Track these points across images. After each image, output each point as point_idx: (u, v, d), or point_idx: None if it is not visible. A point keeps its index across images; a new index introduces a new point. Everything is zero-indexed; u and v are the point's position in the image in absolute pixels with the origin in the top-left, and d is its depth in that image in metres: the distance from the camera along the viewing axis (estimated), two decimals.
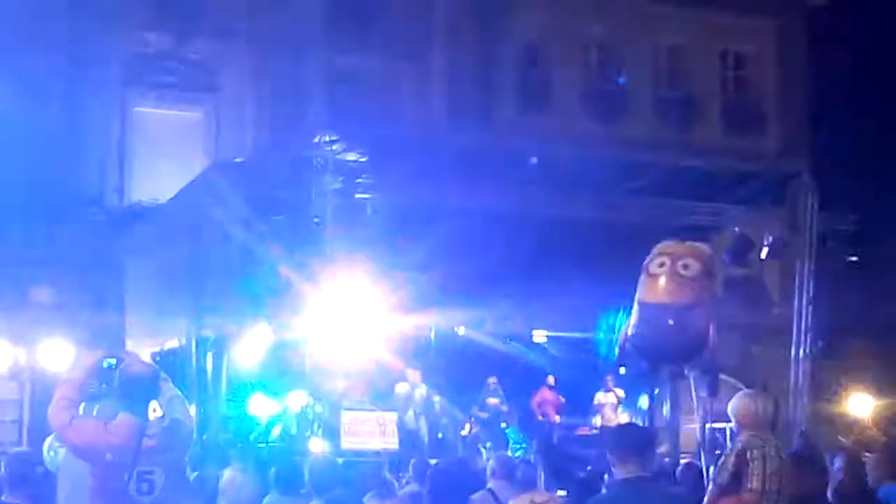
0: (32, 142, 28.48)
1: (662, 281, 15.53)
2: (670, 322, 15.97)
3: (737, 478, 9.90)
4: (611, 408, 26.02)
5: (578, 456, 20.74)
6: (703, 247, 16.38)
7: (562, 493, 10.20)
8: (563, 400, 26.47)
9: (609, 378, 26.37)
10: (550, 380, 26.46)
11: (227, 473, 9.35)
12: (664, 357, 17.07)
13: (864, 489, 11.09)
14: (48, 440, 10.90)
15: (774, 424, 10.63)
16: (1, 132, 28.33)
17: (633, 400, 26.66)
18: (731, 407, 10.58)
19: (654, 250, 16.26)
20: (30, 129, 28.61)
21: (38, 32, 29.32)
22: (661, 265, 15.78)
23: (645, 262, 15.93)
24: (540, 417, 26.59)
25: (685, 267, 15.96)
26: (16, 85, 28.80)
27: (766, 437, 10.09)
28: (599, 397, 26.14)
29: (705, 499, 10.07)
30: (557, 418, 26.33)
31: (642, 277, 15.59)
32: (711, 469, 10.22)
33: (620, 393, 26.25)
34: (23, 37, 29.04)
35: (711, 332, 15.19)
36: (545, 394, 26.40)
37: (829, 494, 10.70)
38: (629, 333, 15.78)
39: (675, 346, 16.69)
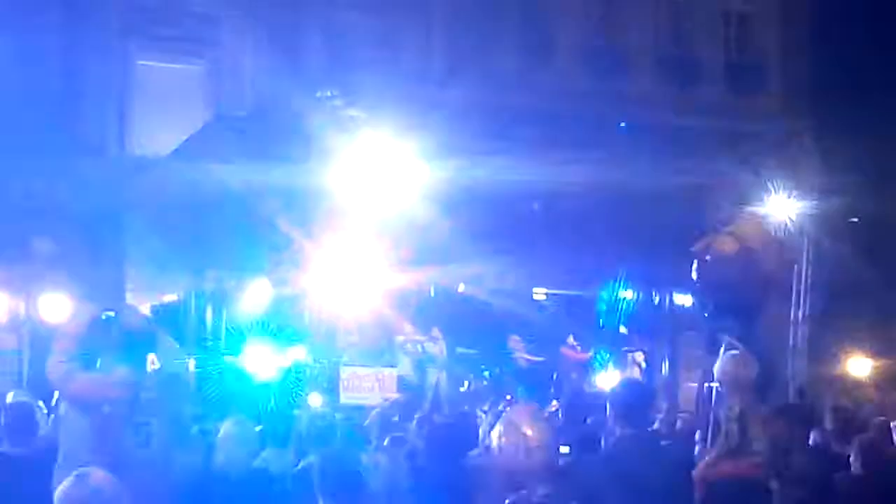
0: (33, 95, 28.40)
1: None
2: None
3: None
4: (639, 369, 25.86)
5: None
6: None
7: (564, 449, 10.20)
8: (585, 356, 26.21)
9: (637, 338, 26.46)
10: (570, 339, 26.34)
11: (224, 427, 9.33)
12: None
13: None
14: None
15: (760, 385, 10.51)
16: (0, 85, 28.29)
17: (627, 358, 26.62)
18: (715, 369, 10.54)
19: None
20: (30, 82, 28.52)
21: None
22: None
23: None
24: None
25: None
26: (14, 39, 28.70)
27: (744, 398, 9.92)
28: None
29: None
30: (574, 375, 26.12)
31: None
32: (709, 428, 10.17)
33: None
34: None
35: None
36: (564, 351, 26.33)
37: (858, 456, 10.70)
38: None
39: None
